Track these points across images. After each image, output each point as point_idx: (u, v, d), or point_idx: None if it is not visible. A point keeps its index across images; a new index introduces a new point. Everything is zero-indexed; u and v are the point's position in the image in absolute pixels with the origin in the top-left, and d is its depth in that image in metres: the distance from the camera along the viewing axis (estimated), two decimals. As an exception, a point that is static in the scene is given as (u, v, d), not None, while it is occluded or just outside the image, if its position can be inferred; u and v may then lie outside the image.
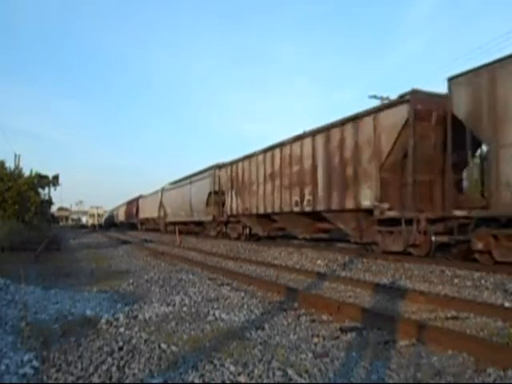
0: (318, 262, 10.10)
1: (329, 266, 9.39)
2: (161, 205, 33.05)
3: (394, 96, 10.35)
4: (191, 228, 26.71)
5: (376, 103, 19.12)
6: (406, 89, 9.61)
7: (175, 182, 30.99)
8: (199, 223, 24.33)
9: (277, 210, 14.89)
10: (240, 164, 18.40)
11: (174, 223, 29.20)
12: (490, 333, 4.05)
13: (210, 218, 21.29)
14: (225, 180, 20.24)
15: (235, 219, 19.17)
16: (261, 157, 16.32)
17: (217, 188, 21.02)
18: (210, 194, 21.50)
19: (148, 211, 38.21)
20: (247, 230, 18.71)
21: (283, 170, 14.45)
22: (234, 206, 18.68)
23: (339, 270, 8.78)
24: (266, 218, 16.32)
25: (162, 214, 32.59)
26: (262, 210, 16.10)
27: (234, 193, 18.82)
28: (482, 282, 6.80)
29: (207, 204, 21.73)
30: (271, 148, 15.50)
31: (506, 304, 5.30)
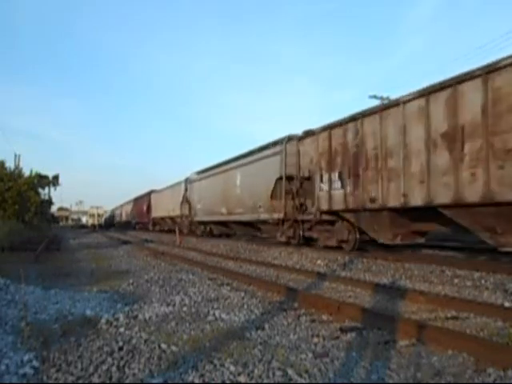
0: (318, 262, 10.10)
1: (329, 266, 9.38)
2: (185, 200, 25.62)
3: (394, 96, 9.99)
4: (236, 229, 20.22)
5: (376, 103, 18.83)
6: (407, 88, 9.15)
7: (208, 169, 22.79)
8: (252, 223, 17.24)
9: (474, 197, 7.51)
10: (352, 126, 10.91)
11: (207, 223, 22.99)
12: (490, 333, 4.05)
13: (278, 215, 14.43)
14: (311, 157, 12.80)
15: (332, 217, 12.06)
16: (415, 104, 8.88)
17: (291, 171, 13.86)
18: (277, 180, 14.66)
19: (164, 209, 30.98)
20: (357, 235, 11.35)
21: (498, 118, 7.13)
22: (338, 195, 11.36)
23: (339, 270, 8.77)
24: (409, 214, 9.57)
25: (185, 211, 25.25)
26: (417, 201, 8.78)
27: (336, 175, 11.51)
28: (482, 281, 6.80)
29: (272, 195, 14.86)
30: (448, 83, 8.09)
31: (506, 304, 5.30)
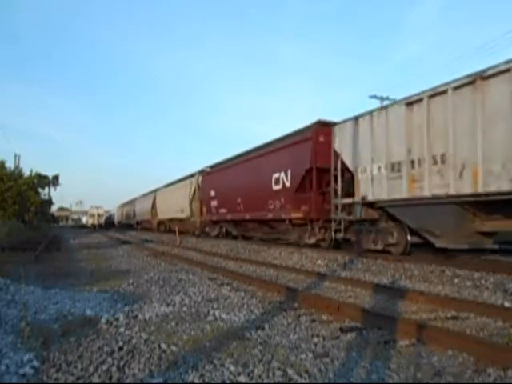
0: (318, 262, 10.10)
1: (329, 266, 9.38)
2: None
3: (394, 96, 10.10)
4: None
5: (377, 103, 18.80)
6: (407, 88, 9.26)
7: None
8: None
9: None
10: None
11: None
12: (490, 333, 4.05)
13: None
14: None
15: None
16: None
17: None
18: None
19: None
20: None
21: None
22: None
23: (339, 270, 8.77)
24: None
25: None
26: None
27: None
28: (482, 281, 6.80)
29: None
30: None
31: (506, 304, 5.30)
